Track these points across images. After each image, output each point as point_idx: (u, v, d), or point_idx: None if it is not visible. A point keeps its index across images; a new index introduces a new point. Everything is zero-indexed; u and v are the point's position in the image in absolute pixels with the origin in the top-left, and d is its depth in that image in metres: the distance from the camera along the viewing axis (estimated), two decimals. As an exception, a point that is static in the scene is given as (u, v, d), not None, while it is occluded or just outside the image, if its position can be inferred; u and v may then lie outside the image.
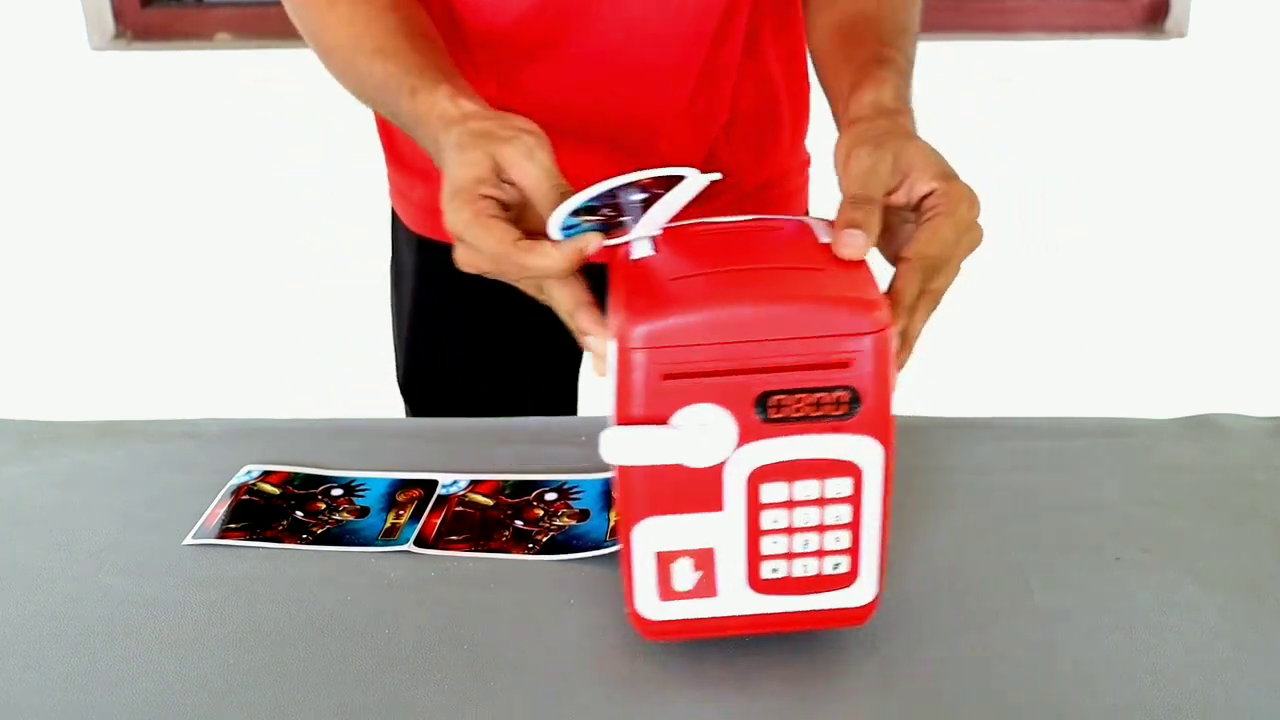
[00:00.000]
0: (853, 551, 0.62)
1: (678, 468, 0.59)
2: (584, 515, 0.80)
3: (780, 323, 0.57)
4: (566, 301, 0.66)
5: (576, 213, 0.64)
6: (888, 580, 0.73)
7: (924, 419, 0.92)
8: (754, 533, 0.61)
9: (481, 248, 0.66)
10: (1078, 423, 0.91)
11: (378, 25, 0.81)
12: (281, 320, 2.38)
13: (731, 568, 0.62)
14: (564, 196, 0.65)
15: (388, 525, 0.80)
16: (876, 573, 0.63)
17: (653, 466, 0.59)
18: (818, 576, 0.62)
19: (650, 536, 0.61)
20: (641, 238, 0.65)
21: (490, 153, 0.68)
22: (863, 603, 0.64)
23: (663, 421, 0.58)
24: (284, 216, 2.31)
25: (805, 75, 1.04)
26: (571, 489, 0.82)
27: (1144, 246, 2.33)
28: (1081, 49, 2.23)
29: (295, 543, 0.78)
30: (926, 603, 0.71)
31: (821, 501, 0.60)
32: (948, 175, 0.67)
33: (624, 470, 0.60)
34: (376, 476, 0.85)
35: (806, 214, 1.11)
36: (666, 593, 0.63)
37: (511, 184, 0.68)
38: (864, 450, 0.59)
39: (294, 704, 0.63)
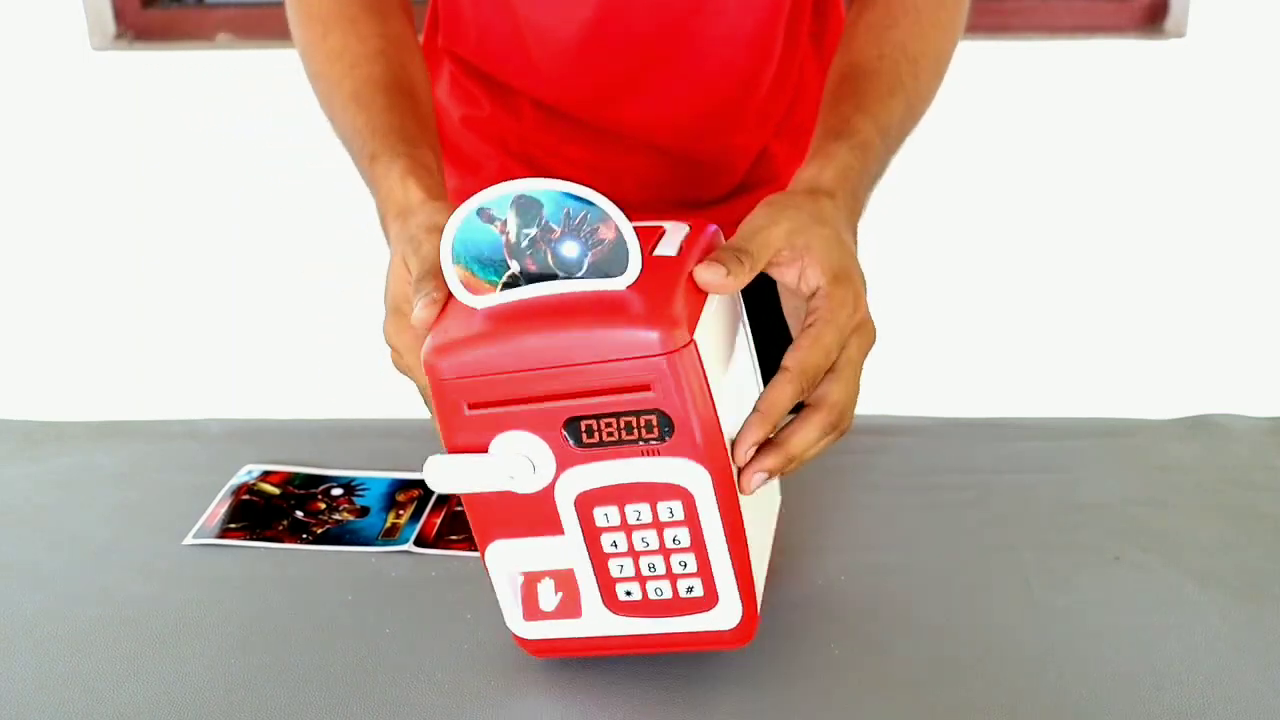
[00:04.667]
0: (703, 574, 0.61)
1: (512, 493, 0.60)
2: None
3: (574, 348, 0.57)
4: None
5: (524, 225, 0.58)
6: (888, 579, 0.73)
7: (925, 419, 0.92)
8: (598, 556, 0.61)
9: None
10: (1078, 423, 0.92)
11: (361, 70, 0.79)
12: (282, 320, 2.38)
13: (589, 590, 0.62)
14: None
15: (388, 525, 0.80)
16: (737, 595, 0.62)
17: (491, 493, 0.60)
18: (674, 599, 0.62)
19: (504, 558, 0.62)
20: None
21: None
22: (729, 626, 0.62)
23: (483, 449, 0.59)
24: (284, 216, 2.31)
25: None
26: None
27: (1143, 246, 2.33)
28: (1081, 49, 2.23)
29: (295, 543, 0.78)
30: (925, 602, 0.71)
31: (656, 525, 0.60)
32: (838, 275, 0.63)
33: (467, 495, 0.61)
34: (376, 476, 0.85)
35: None
36: (531, 612, 0.63)
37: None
38: (688, 473, 0.58)
39: (294, 704, 0.63)
